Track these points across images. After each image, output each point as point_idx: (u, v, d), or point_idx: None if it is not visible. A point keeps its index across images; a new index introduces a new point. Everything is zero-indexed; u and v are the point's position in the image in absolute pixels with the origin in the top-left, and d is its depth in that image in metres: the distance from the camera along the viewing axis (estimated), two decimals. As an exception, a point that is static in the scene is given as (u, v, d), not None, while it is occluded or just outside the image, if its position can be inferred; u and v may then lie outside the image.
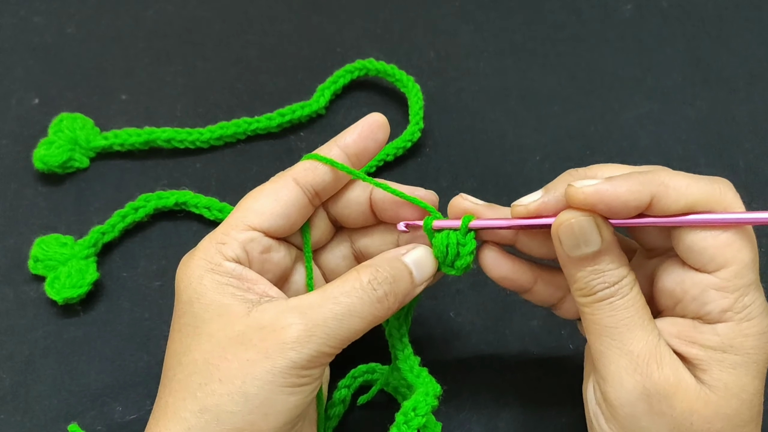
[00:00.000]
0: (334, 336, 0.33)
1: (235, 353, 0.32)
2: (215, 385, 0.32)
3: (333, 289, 0.34)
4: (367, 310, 0.34)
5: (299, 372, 0.32)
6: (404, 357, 0.38)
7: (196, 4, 0.57)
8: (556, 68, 0.55)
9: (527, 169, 0.51)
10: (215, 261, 0.35)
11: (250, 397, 0.32)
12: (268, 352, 0.32)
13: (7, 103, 0.53)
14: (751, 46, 0.55)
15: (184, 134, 0.50)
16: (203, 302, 0.34)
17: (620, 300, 0.33)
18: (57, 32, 0.56)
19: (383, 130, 0.38)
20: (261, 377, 0.32)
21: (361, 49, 0.54)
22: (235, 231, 0.36)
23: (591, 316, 0.34)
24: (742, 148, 0.52)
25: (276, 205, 0.36)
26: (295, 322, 0.33)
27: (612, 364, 0.33)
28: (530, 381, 0.44)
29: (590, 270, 0.33)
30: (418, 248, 0.37)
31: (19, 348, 0.45)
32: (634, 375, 0.32)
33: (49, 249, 0.46)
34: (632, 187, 0.32)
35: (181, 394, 0.33)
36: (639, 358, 0.32)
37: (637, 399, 0.32)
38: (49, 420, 0.43)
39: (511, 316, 0.46)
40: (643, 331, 0.33)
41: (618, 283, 0.33)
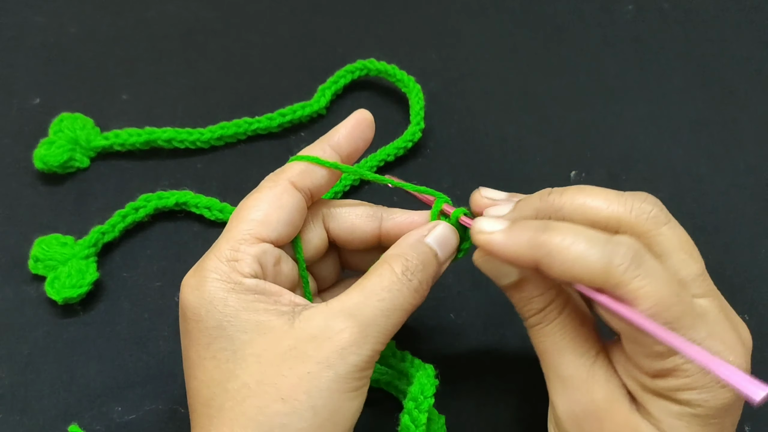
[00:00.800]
0: (384, 333, 0.33)
1: (292, 368, 0.31)
2: (278, 405, 0.31)
3: (372, 285, 0.33)
4: (407, 301, 0.34)
5: (359, 374, 0.32)
6: (389, 348, 0.39)
7: (198, 5, 0.57)
8: (557, 69, 0.55)
9: (528, 170, 0.51)
10: (234, 280, 0.33)
11: (318, 410, 0.31)
12: (328, 361, 0.31)
13: (8, 103, 0.53)
14: (751, 48, 0.55)
15: (184, 134, 0.50)
16: (237, 324, 0.32)
17: (548, 326, 0.34)
18: (58, 32, 0.56)
19: (370, 127, 0.38)
20: (326, 387, 0.31)
21: (361, 49, 0.54)
22: (244, 245, 0.34)
23: (531, 340, 0.35)
24: (743, 149, 0.52)
25: (281, 213, 0.35)
26: (348, 326, 0.32)
27: (550, 385, 0.34)
28: (531, 382, 0.44)
29: (518, 298, 0.34)
30: (438, 226, 0.36)
31: (18, 347, 0.45)
32: (564, 398, 0.33)
33: (49, 249, 0.46)
34: (519, 249, 0.31)
35: (240, 422, 0.31)
36: (568, 382, 0.33)
37: (568, 420, 0.33)
38: (48, 420, 0.43)
39: (511, 317, 0.46)
40: (573, 354, 0.33)
41: (545, 308, 0.34)
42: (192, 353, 0.33)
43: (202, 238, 0.48)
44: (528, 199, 0.34)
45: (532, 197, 0.34)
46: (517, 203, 0.35)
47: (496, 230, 0.32)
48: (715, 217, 0.49)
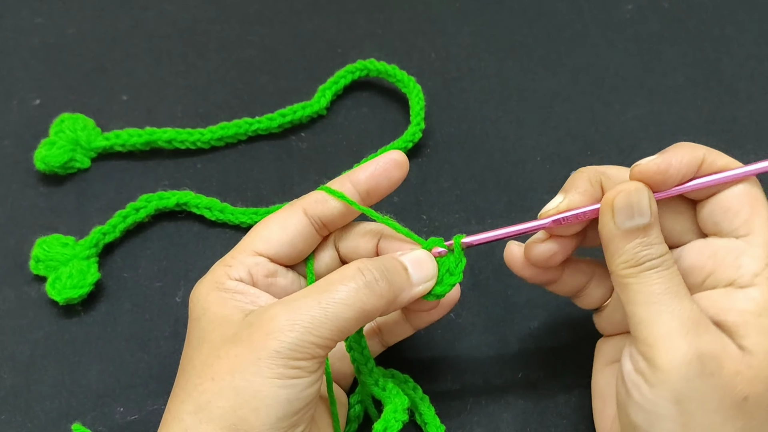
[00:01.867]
0: (319, 324, 0.33)
1: (227, 351, 0.33)
2: (208, 383, 0.33)
3: (321, 280, 0.35)
4: (353, 296, 0.33)
5: (286, 362, 0.32)
6: (367, 371, 0.38)
7: (197, 5, 0.57)
8: (557, 68, 0.55)
9: (528, 169, 0.51)
10: (221, 281, 0.36)
11: (239, 390, 0.32)
12: (253, 344, 0.33)
13: (9, 104, 0.53)
14: (752, 47, 0.55)
15: (185, 135, 0.50)
16: (208, 316, 0.35)
17: (667, 270, 0.34)
18: (58, 33, 0.56)
19: (400, 169, 0.38)
20: (248, 369, 0.32)
21: (362, 50, 0.54)
22: (242, 255, 0.37)
23: (637, 286, 0.34)
24: (744, 149, 0.52)
25: (283, 234, 0.37)
26: (277, 312, 0.33)
27: (662, 328, 0.33)
28: (531, 382, 0.44)
29: (639, 242, 0.34)
30: (416, 250, 0.37)
31: (20, 348, 0.45)
32: (687, 337, 0.33)
33: (50, 249, 0.46)
34: (690, 152, 0.35)
35: (180, 397, 0.34)
36: (689, 322, 0.33)
37: (690, 360, 0.32)
38: (49, 420, 0.43)
39: (511, 317, 0.46)
40: (687, 299, 0.34)
41: (663, 255, 0.34)
42: (185, 342, 0.37)
43: (202, 239, 0.48)
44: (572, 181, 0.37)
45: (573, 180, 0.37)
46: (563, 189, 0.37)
47: (653, 158, 0.35)
48: None
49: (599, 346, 0.41)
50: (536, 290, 0.42)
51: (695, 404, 0.32)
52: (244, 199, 0.50)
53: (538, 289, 0.41)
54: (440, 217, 0.49)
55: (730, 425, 0.33)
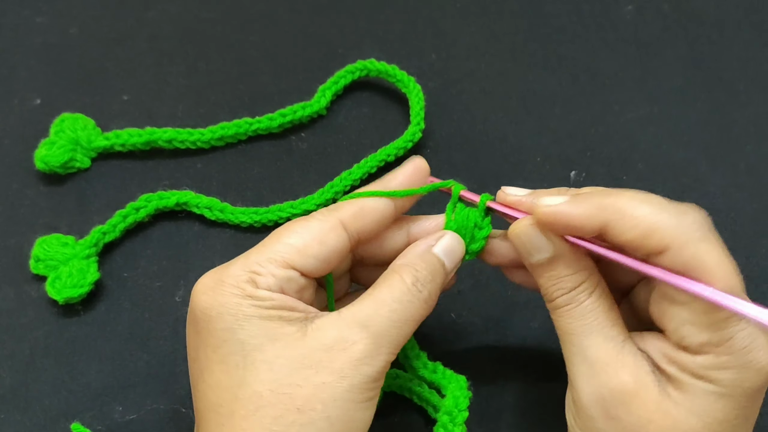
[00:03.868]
0: (396, 343, 0.33)
1: (307, 378, 0.32)
2: (293, 415, 0.31)
3: (383, 295, 0.34)
4: (417, 312, 0.34)
5: (372, 385, 0.33)
6: (415, 355, 0.39)
7: (198, 5, 0.57)
8: (556, 70, 0.55)
9: (528, 170, 0.51)
10: (247, 289, 0.33)
11: (333, 420, 0.31)
12: (343, 371, 0.32)
13: (9, 103, 0.53)
14: (752, 48, 0.55)
15: (185, 134, 0.50)
16: (248, 329, 0.32)
17: (577, 307, 0.34)
18: (59, 33, 0.56)
19: (423, 174, 0.38)
20: (341, 397, 0.32)
21: (362, 50, 0.55)
22: (273, 265, 0.34)
23: (555, 322, 0.35)
24: (743, 150, 0.52)
25: (321, 249, 0.35)
26: (362, 338, 0.32)
27: (573, 368, 0.34)
28: (531, 382, 0.44)
29: (548, 276, 0.34)
30: (445, 236, 0.37)
31: (19, 347, 0.45)
32: (591, 381, 0.33)
33: (50, 249, 0.46)
34: (586, 212, 0.32)
35: (244, 425, 0.31)
36: (596, 365, 0.33)
37: (593, 403, 0.33)
38: (49, 419, 0.43)
39: (512, 317, 0.46)
40: (601, 337, 0.33)
41: (575, 288, 0.34)
42: (200, 354, 0.33)
43: (202, 238, 0.48)
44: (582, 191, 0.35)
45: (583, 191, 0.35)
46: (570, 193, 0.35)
47: (561, 201, 0.33)
48: (715, 217, 0.49)
49: None
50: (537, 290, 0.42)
51: None
52: (244, 198, 0.50)
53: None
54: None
55: None
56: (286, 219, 0.48)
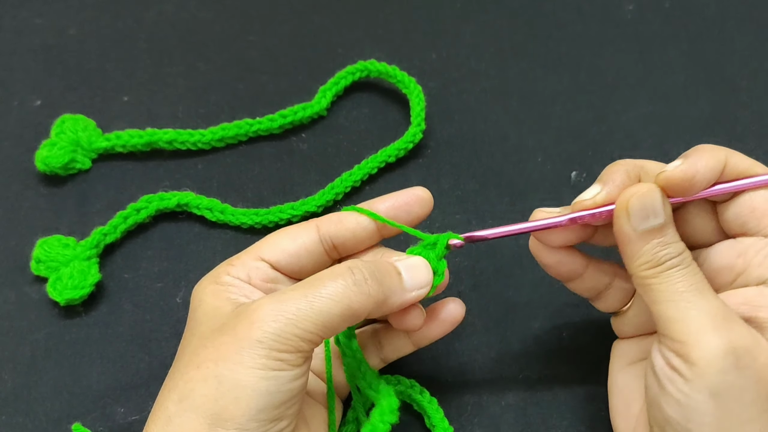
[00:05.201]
0: (303, 317, 0.33)
1: (213, 340, 0.34)
2: (193, 371, 0.33)
3: (310, 277, 0.35)
4: (341, 292, 0.33)
5: (269, 353, 0.32)
6: (361, 375, 0.38)
7: (198, 5, 0.57)
8: (557, 69, 0.55)
9: (529, 170, 0.51)
10: (220, 276, 0.38)
11: (222, 379, 0.32)
12: (237, 334, 0.33)
13: (9, 105, 0.53)
14: (753, 46, 0.55)
15: (185, 135, 0.50)
16: (202, 308, 0.36)
17: (688, 267, 0.34)
18: (58, 34, 0.56)
19: (421, 205, 0.39)
20: (231, 358, 0.32)
21: (362, 50, 0.54)
22: (246, 257, 0.38)
23: (660, 285, 0.34)
24: (745, 148, 0.51)
25: (290, 244, 0.38)
26: (263, 303, 0.33)
27: (692, 324, 0.33)
28: (532, 382, 0.44)
29: (657, 242, 0.34)
30: (412, 257, 0.37)
31: (20, 349, 0.45)
32: (718, 331, 0.33)
33: (51, 250, 0.46)
34: (713, 156, 0.35)
35: (168, 386, 0.34)
36: (718, 317, 0.33)
37: (725, 353, 0.32)
38: (51, 421, 0.43)
39: (512, 317, 0.46)
40: (712, 295, 0.34)
41: (682, 253, 0.35)
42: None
43: (203, 239, 0.48)
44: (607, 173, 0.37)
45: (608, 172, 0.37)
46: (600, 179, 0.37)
47: (678, 164, 0.35)
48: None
49: (617, 346, 0.41)
50: (537, 291, 0.42)
51: (732, 397, 0.33)
52: (245, 199, 0.50)
53: (539, 289, 0.41)
54: (441, 218, 0.49)
55: (766, 417, 0.33)
56: (287, 220, 0.48)
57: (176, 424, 0.33)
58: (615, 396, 0.40)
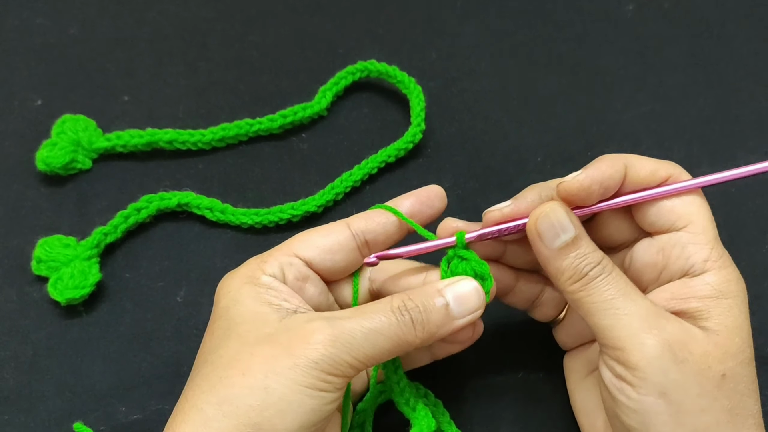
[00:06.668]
0: (357, 347, 0.34)
1: (261, 350, 0.33)
2: (237, 378, 0.33)
3: (364, 306, 0.36)
4: (393, 331, 0.34)
5: (320, 375, 0.33)
6: (399, 390, 0.39)
7: (198, 5, 0.57)
8: (557, 68, 0.55)
9: (529, 169, 0.51)
10: (255, 275, 0.37)
11: (270, 391, 0.32)
12: (291, 350, 0.33)
13: (10, 105, 0.53)
14: (753, 45, 0.55)
15: (186, 135, 0.50)
16: (239, 308, 0.36)
17: (610, 275, 0.35)
18: (59, 33, 0.56)
19: (440, 200, 0.40)
20: (283, 373, 0.32)
21: (362, 51, 0.54)
22: (278, 253, 0.38)
23: (589, 297, 0.35)
24: (745, 147, 0.52)
25: (323, 240, 0.38)
26: (321, 326, 0.34)
27: (625, 330, 0.34)
28: (531, 383, 0.44)
29: (574, 256, 0.35)
30: (462, 281, 0.37)
31: (22, 349, 0.45)
32: (651, 332, 0.33)
33: (52, 250, 0.46)
34: (611, 165, 0.36)
35: (202, 387, 0.34)
36: (649, 317, 0.34)
37: (662, 352, 0.33)
38: (52, 420, 0.43)
39: (512, 317, 0.46)
40: (639, 296, 0.35)
41: (601, 262, 0.35)
42: (207, 329, 0.37)
43: (203, 239, 0.49)
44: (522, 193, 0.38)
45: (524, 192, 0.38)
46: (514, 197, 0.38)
47: (577, 174, 0.36)
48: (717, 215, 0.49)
49: (567, 363, 0.42)
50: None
51: (679, 393, 0.33)
52: (245, 199, 0.50)
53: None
54: (442, 218, 0.49)
55: (718, 406, 0.33)
56: (287, 220, 0.48)
57: (215, 428, 0.32)
58: (579, 413, 0.41)
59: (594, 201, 0.37)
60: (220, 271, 0.47)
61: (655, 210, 0.37)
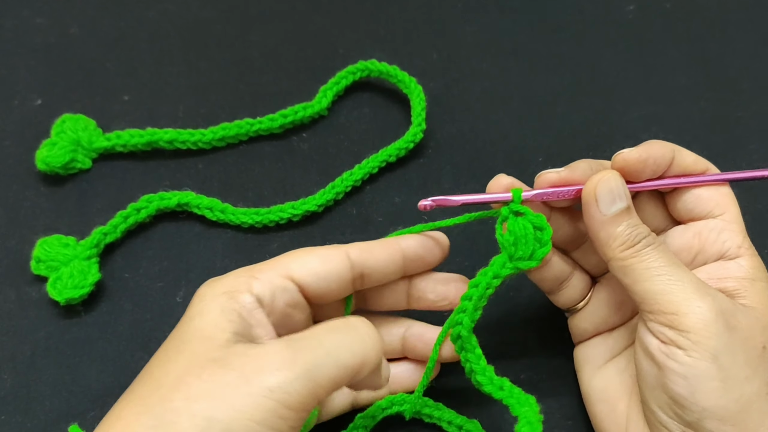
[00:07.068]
0: (321, 365, 0.30)
1: (211, 374, 0.30)
2: (179, 402, 0.30)
3: (321, 324, 0.33)
4: (358, 343, 0.32)
5: (275, 407, 0.29)
6: (481, 369, 0.37)
7: (199, 5, 0.57)
8: (558, 69, 0.55)
9: (530, 170, 0.51)
10: (238, 288, 0.34)
11: (213, 423, 0.29)
12: (244, 375, 0.30)
13: (10, 104, 0.53)
14: (755, 47, 0.55)
15: (186, 135, 0.50)
16: (202, 321, 0.33)
17: (661, 245, 0.36)
18: (59, 33, 0.56)
19: (442, 251, 0.40)
20: (231, 403, 0.29)
21: (363, 50, 0.54)
22: (273, 273, 0.35)
23: (641, 264, 0.35)
24: (746, 149, 0.52)
25: (321, 267, 0.36)
26: (278, 348, 0.31)
27: (681, 294, 0.34)
28: (533, 383, 0.44)
29: (627, 224, 0.36)
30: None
31: (20, 348, 0.45)
32: (706, 297, 0.34)
33: (51, 250, 0.46)
34: (663, 147, 0.38)
35: (139, 408, 0.31)
36: (700, 285, 0.35)
37: (716, 316, 0.34)
38: (50, 420, 0.43)
39: (512, 317, 0.46)
40: (686, 268, 0.36)
41: (651, 234, 0.36)
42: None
43: (203, 239, 0.48)
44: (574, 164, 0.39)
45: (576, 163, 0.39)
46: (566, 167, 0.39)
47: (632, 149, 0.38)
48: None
49: (581, 353, 0.42)
50: (537, 290, 0.42)
51: (728, 359, 0.33)
52: (245, 199, 0.50)
53: (540, 289, 0.41)
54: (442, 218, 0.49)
55: (759, 376, 0.34)
56: (288, 219, 0.48)
57: None
58: (596, 402, 0.40)
59: (644, 177, 0.38)
60: (220, 271, 0.46)
61: (694, 198, 0.38)
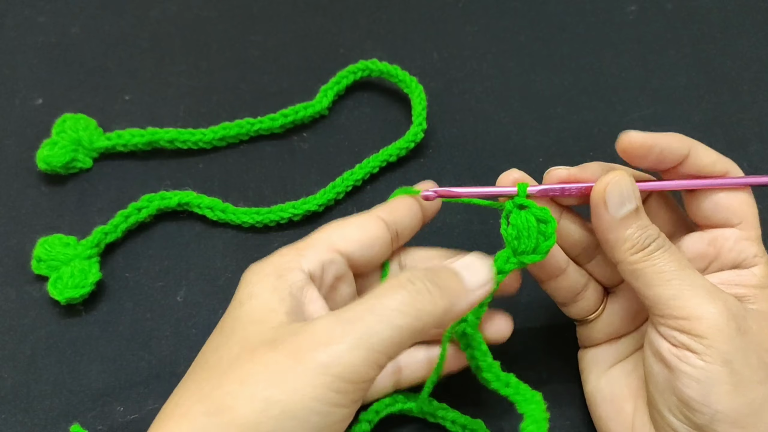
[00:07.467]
0: (372, 333, 0.30)
1: (263, 355, 0.30)
2: (235, 386, 0.30)
3: (369, 292, 0.32)
4: (408, 302, 0.31)
5: (332, 382, 0.29)
6: (487, 366, 0.37)
7: (200, 5, 0.57)
8: (559, 69, 0.55)
9: (530, 170, 0.50)
10: (287, 266, 0.34)
11: (271, 403, 0.29)
12: (298, 354, 0.29)
13: (11, 103, 0.53)
14: (756, 48, 0.55)
15: (187, 135, 0.50)
16: (253, 304, 0.33)
17: (670, 248, 0.35)
18: (61, 32, 0.56)
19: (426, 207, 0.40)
20: (285, 381, 0.29)
21: (363, 50, 0.54)
22: (318, 246, 0.35)
23: (652, 268, 0.35)
24: (747, 150, 0.51)
25: (362, 234, 0.36)
26: (328, 322, 0.30)
27: (692, 299, 0.34)
28: (534, 384, 0.43)
29: (636, 226, 0.35)
30: (466, 255, 0.36)
31: (21, 348, 0.45)
32: (717, 301, 0.34)
33: (52, 249, 0.46)
34: (677, 139, 0.36)
35: (195, 394, 0.31)
36: (712, 287, 0.34)
37: (728, 320, 0.33)
38: (50, 420, 0.43)
39: (514, 318, 0.45)
40: (697, 272, 0.35)
41: (660, 235, 0.36)
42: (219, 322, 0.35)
43: (204, 239, 0.48)
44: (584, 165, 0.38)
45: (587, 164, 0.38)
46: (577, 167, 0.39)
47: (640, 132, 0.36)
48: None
49: (587, 357, 0.41)
50: (538, 290, 0.42)
51: (741, 363, 0.33)
52: (246, 199, 0.50)
53: (540, 289, 0.41)
54: (442, 217, 0.49)
55: None
56: (288, 219, 0.48)
57: None
58: (601, 404, 0.40)
59: (648, 164, 0.37)
60: (220, 271, 0.47)
61: (712, 205, 0.37)
